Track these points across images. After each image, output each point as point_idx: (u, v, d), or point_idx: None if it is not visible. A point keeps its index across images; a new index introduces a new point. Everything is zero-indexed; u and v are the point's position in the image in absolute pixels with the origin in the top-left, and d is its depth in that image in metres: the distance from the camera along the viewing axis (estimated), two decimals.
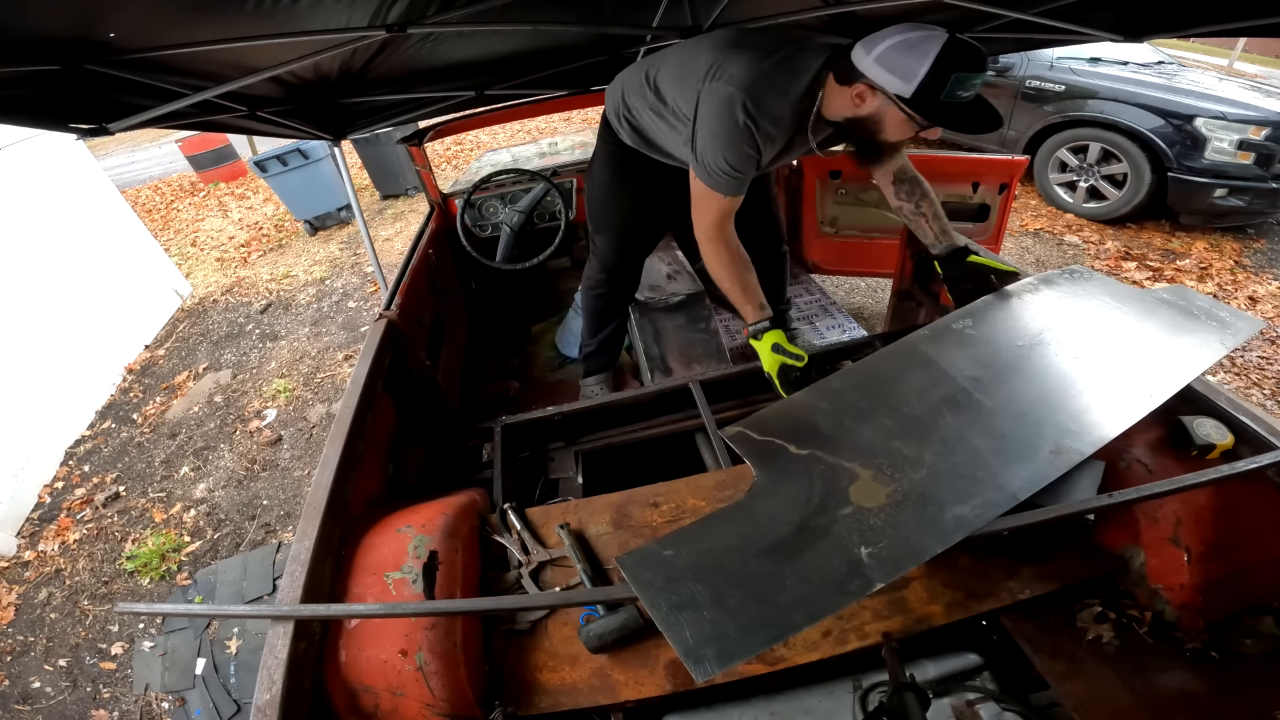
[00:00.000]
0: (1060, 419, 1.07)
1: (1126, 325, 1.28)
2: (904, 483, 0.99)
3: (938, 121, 1.18)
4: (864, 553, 0.90)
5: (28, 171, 3.79)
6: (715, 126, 1.33)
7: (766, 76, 1.31)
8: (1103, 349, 1.22)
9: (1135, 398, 1.08)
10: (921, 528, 0.92)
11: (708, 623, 0.82)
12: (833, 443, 1.09)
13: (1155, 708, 0.91)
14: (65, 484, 3.16)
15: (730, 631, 0.81)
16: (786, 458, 1.08)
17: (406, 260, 2.18)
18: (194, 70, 1.42)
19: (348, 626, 0.99)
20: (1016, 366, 1.20)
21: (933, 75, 1.09)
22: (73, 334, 3.72)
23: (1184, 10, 1.63)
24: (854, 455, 1.06)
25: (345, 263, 5.12)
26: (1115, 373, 1.15)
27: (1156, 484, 0.84)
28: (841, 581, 0.86)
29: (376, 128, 2.45)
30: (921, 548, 0.90)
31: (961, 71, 1.09)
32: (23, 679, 2.22)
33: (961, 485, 0.97)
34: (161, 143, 11.51)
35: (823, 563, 0.89)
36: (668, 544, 0.94)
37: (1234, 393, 2.72)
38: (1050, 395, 1.13)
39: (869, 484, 1.00)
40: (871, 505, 0.97)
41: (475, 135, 8.45)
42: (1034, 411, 1.10)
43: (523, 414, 1.68)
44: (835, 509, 0.97)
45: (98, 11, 1.04)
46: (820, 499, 0.99)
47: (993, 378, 1.17)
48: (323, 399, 3.46)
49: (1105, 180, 4.25)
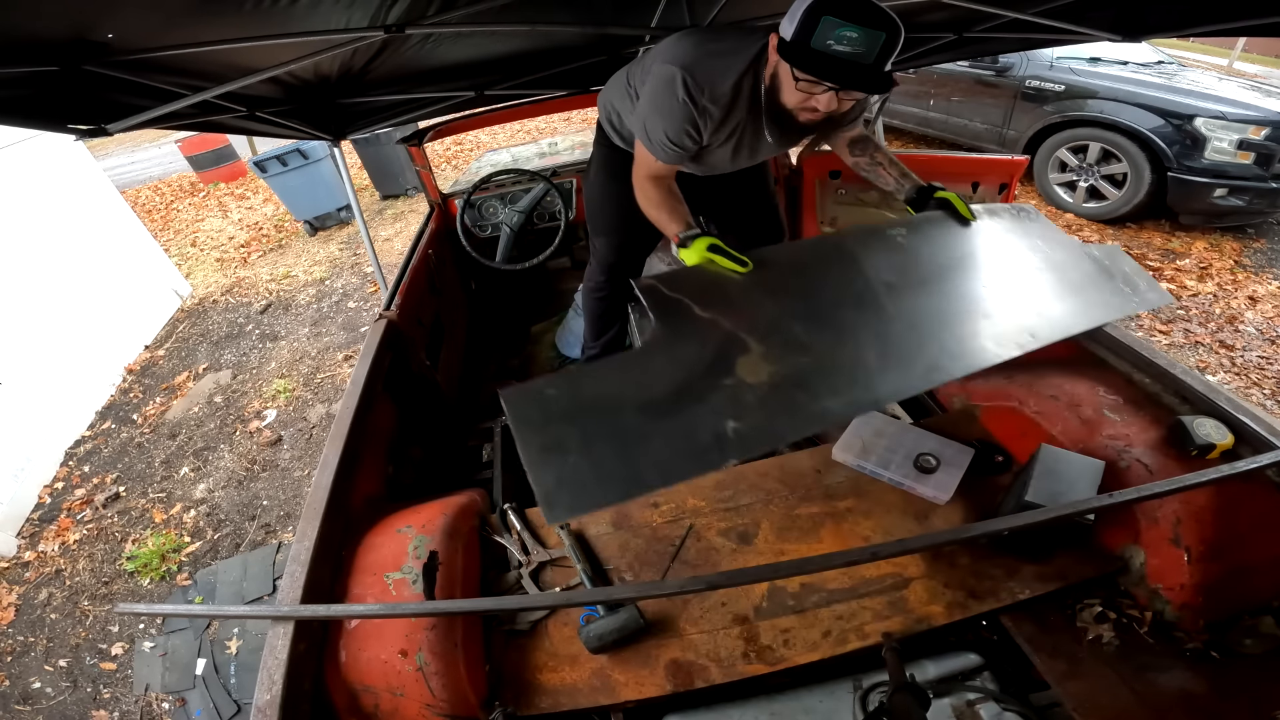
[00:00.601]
0: (946, 339, 1.12)
1: (1044, 269, 1.32)
2: (788, 365, 1.02)
3: (802, 67, 1.09)
4: (730, 427, 0.92)
5: (28, 171, 3.79)
6: (656, 101, 1.35)
7: (708, 55, 1.32)
8: (1014, 285, 1.27)
9: (1019, 336, 1.12)
10: (788, 413, 0.96)
11: (571, 468, 0.84)
12: (735, 312, 1.10)
13: (1155, 707, 0.91)
14: (65, 484, 3.16)
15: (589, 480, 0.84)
16: (689, 317, 1.09)
17: (406, 260, 2.18)
18: (193, 71, 1.42)
19: (348, 627, 0.99)
20: (928, 281, 1.23)
21: (806, 18, 1.04)
22: (73, 334, 3.71)
23: (1183, 10, 1.63)
24: (752, 329, 1.07)
25: (345, 263, 5.12)
26: (1014, 309, 1.20)
27: (1156, 484, 0.84)
28: (702, 451, 0.89)
29: (376, 128, 2.45)
30: (781, 432, 0.95)
31: (832, 16, 1.01)
32: (23, 679, 2.22)
33: (837, 380, 1.02)
34: (161, 143, 11.50)
35: (690, 428, 0.91)
36: (552, 384, 0.95)
37: (1234, 393, 2.72)
38: (947, 315, 1.18)
39: (756, 359, 1.02)
40: (752, 381, 0.99)
41: (475, 135, 8.45)
42: (926, 326, 1.14)
43: None
44: (719, 377, 0.99)
45: (96, 12, 1.04)
46: (708, 365, 1.01)
47: (903, 286, 1.20)
48: (323, 399, 3.46)
49: (1105, 180, 4.25)
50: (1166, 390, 1.20)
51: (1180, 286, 3.61)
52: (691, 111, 1.32)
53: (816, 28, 1.02)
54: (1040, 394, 1.32)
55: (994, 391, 1.44)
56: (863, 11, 1.02)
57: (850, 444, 1.36)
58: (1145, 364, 1.24)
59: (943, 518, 1.23)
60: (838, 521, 1.24)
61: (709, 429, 0.91)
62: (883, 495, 1.28)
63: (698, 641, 1.07)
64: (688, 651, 1.05)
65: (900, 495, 1.28)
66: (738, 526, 1.25)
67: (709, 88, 1.31)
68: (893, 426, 1.39)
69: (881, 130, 2.72)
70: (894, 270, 1.23)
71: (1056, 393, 1.29)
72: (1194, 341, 3.16)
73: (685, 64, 1.31)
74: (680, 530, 1.25)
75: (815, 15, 1.02)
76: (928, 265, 1.27)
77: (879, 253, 1.26)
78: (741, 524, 1.25)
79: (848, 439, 1.38)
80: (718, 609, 1.11)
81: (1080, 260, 1.37)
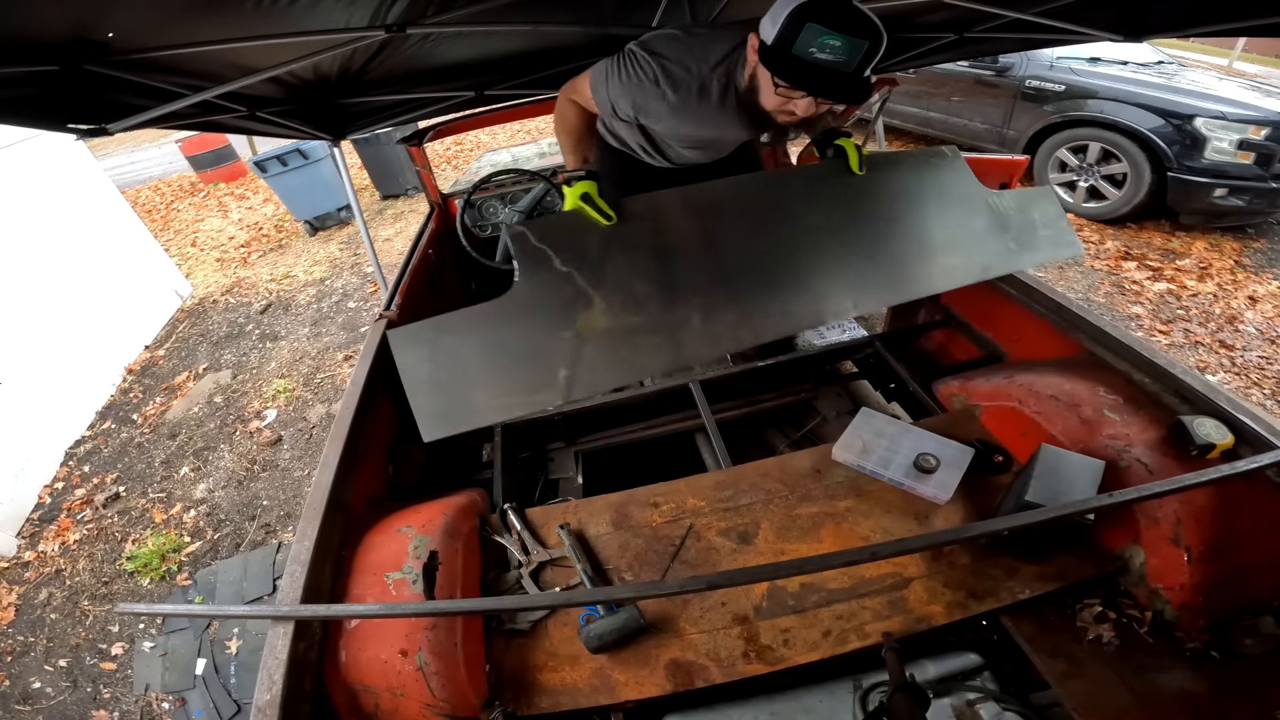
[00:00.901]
0: (770, 304, 1.29)
1: (926, 225, 1.43)
2: (621, 321, 1.20)
3: (781, 75, 1.07)
4: (562, 375, 1.14)
5: (28, 171, 3.79)
6: (624, 60, 1.32)
7: (683, 39, 1.30)
8: (874, 245, 1.39)
9: (840, 305, 1.32)
10: (609, 366, 1.17)
11: (441, 397, 1.09)
12: (589, 268, 1.23)
13: (1155, 707, 0.91)
14: (65, 484, 3.16)
15: (450, 409, 1.08)
16: (549, 268, 1.22)
17: (406, 260, 2.18)
18: (193, 70, 1.42)
19: (348, 627, 0.99)
20: (780, 240, 1.35)
21: (790, 23, 1.01)
22: (73, 334, 3.71)
23: (1184, 10, 1.63)
24: (599, 284, 1.22)
25: (345, 263, 5.12)
26: (857, 273, 1.36)
27: (1156, 484, 0.84)
28: (537, 390, 1.13)
29: (376, 128, 2.45)
30: (601, 383, 1.17)
31: (816, 23, 0.98)
32: (23, 679, 2.22)
33: (658, 339, 1.22)
34: (161, 143, 11.51)
35: (532, 373, 1.13)
36: (430, 327, 1.16)
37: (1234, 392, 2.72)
38: (780, 279, 1.31)
39: (595, 314, 1.19)
40: (587, 334, 1.18)
41: (475, 135, 8.45)
42: (752, 292, 1.28)
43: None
44: (561, 330, 1.17)
45: (96, 12, 1.04)
46: (555, 316, 1.18)
47: (752, 244, 1.32)
48: (323, 399, 3.46)
49: (1105, 180, 4.24)
50: (1166, 390, 1.20)
51: (1180, 286, 3.61)
52: (647, 81, 1.29)
53: (800, 34, 1.00)
54: (1040, 394, 1.32)
55: (994, 391, 1.44)
56: (848, 20, 1.00)
57: (850, 444, 1.36)
58: (1145, 364, 1.24)
59: (943, 518, 1.23)
60: (838, 521, 1.24)
61: (546, 374, 1.13)
62: (883, 495, 1.28)
63: (698, 641, 1.06)
64: (688, 651, 1.05)
65: (900, 495, 1.28)
66: (738, 526, 1.25)
67: (679, 59, 1.28)
68: (893, 427, 1.39)
69: (881, 130, 2.72)
70: (752, 227, 1.33)
71: (1056, 393, 1.29)
72: (1194, 341, 3.16)
73: (659, 44, 1.30)
74: (680, 530, 1.25)
75: (799, 21, 1.00)
76: (789, 222, 1.36)
77: (744, 208, 1.35)
78: (741, 524, 1.25)
79: (848, 439, 1.37)
80: (718, 609, 1.11)
81: (975, 213, 1.45)
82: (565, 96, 1.48)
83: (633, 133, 1.67)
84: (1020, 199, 1.52)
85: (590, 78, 1.39)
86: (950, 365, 1.82)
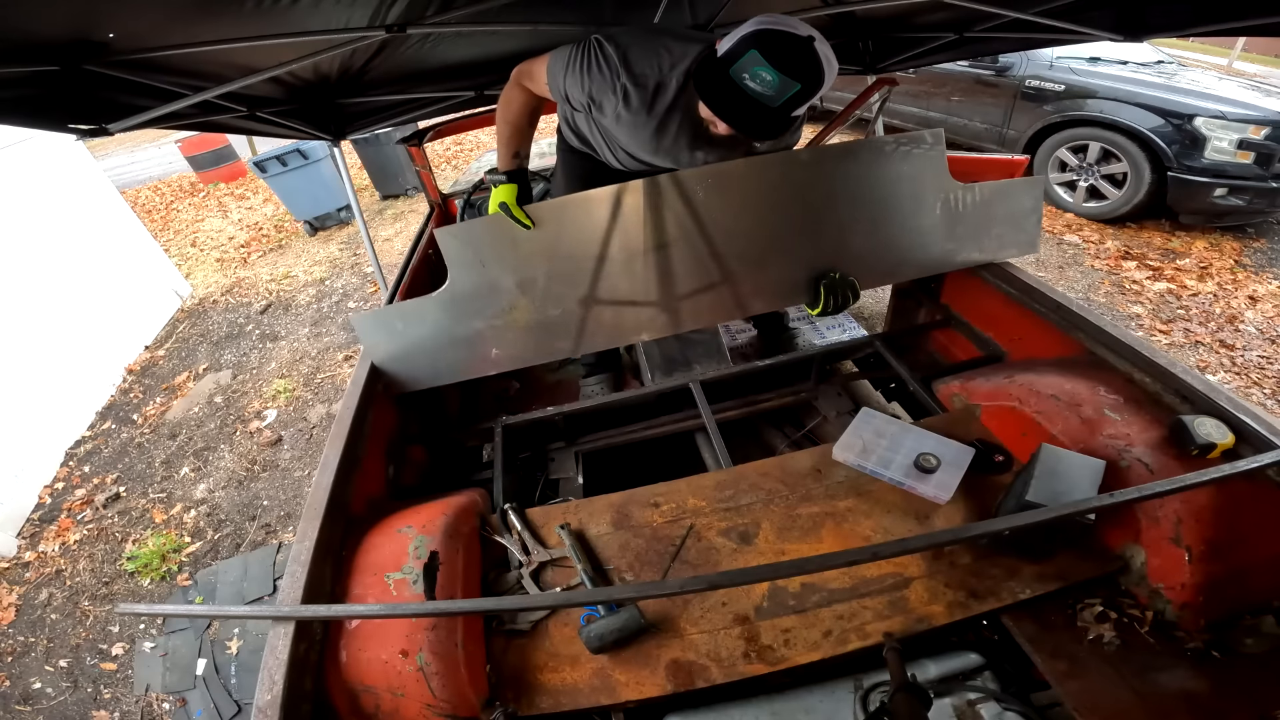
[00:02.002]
0: (669, 301, 1.57)
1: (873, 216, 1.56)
2: (540, 313, 1.53)
3: (703, 92, 1.09)
4: (493, 352, 1.55)
5: (28, 172, 3.78)
6: (581, 49, 1.30)
7: (652, 38, 1.29)
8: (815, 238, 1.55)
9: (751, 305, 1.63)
10: (534, 347, 1.56)
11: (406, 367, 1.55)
12: (511, 272, 1.49)
13: (1156, 707, 0.90)
14: (65, 485, 3.16)
15: (408, 375, 1.55)
16: (477, 271, 1.48)
17: (406, 260, 2.18)
18: (193, 71, 1.42)
19: (348, 627, 0.99)
20: (701, 238, 1.52)
21: (740, 44, 1.04)
22: (73, 335, 3.71)
23: (1183, 10, 1.63)
24: (522, 286, 1.50)
25: (345, 263, 5.12)
26: (776, 268, 1.58)
27: (1157, 483, 0.84)
28: (478, 362, 1.56)
29: (376, 128, 2.45)
30: (527, 358, 1.57)
31: (759, 51, 1.00)
32: (24, 680, 2.22)
33: (569, 328, 1.55)
34: (161, 143, 11.50)
35: (473, 347, 1.54)
36: (392, 312, 1.53)
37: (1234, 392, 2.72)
38: (679, 278, 1.55)
39: (521, 308, 1.51)
40: (514, 322, 1.52)
41: (475, 135, 8.45)
42: (647, 290, 1.54)
43: (523, 414, 1.68)
44: (492, 319, 1.52)
45: (97, 12, 1.04)
46: (487, 308, 1.51)
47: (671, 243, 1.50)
48: (323, 399, 3.46)
49: (1105, 180, 4.25)
50: (1167, 390, 1.20)
51: (1180, 286, 3.61)
52: (607, 71, 1.27)
53: (743, 56, 1.02)
54: (1041, 394, 1.32)
55: (994, 391, 1.44)
56: (792, 60, 1.02)
57: (850, 444, 1.36)
58: (1146, 363, 1.24)
59: (943, 517, 1.23)
60: (838, 521, 1.24)
61: (484, 349, 1.55)
62: (883, 495, 1.28)
63: (698, 641, 1.06)
64: (688, 651, 1.05)
65: (900, 495, 1.28)
66: (738, 526, 1.25)
67: (636, 61, 1.27)
68: (893, 426, 1.39)
69: (881, 129, 2.72)
70: (673, 225, 1.50)
71: (1057, 392, 1.29)
72: (1194, 341, 3.16)
73: (626, 36, 1.29)
74: (681, 530, 1.25)
75: (747, 45, 1.02)
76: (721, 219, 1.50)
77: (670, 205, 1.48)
78: (742, 524, 1.25)
79: (848, 439, 1.37)
80: (718, 609, 1.11)
81: (928, 208, 1.56)
82: (515, 81, 1.46)
83: (590, 128, 1.61)
84: (998, 191, 1.59)
85: (549, 61, 1.37)
86: (950, 365, 1.82)
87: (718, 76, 1.06)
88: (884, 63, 2.53)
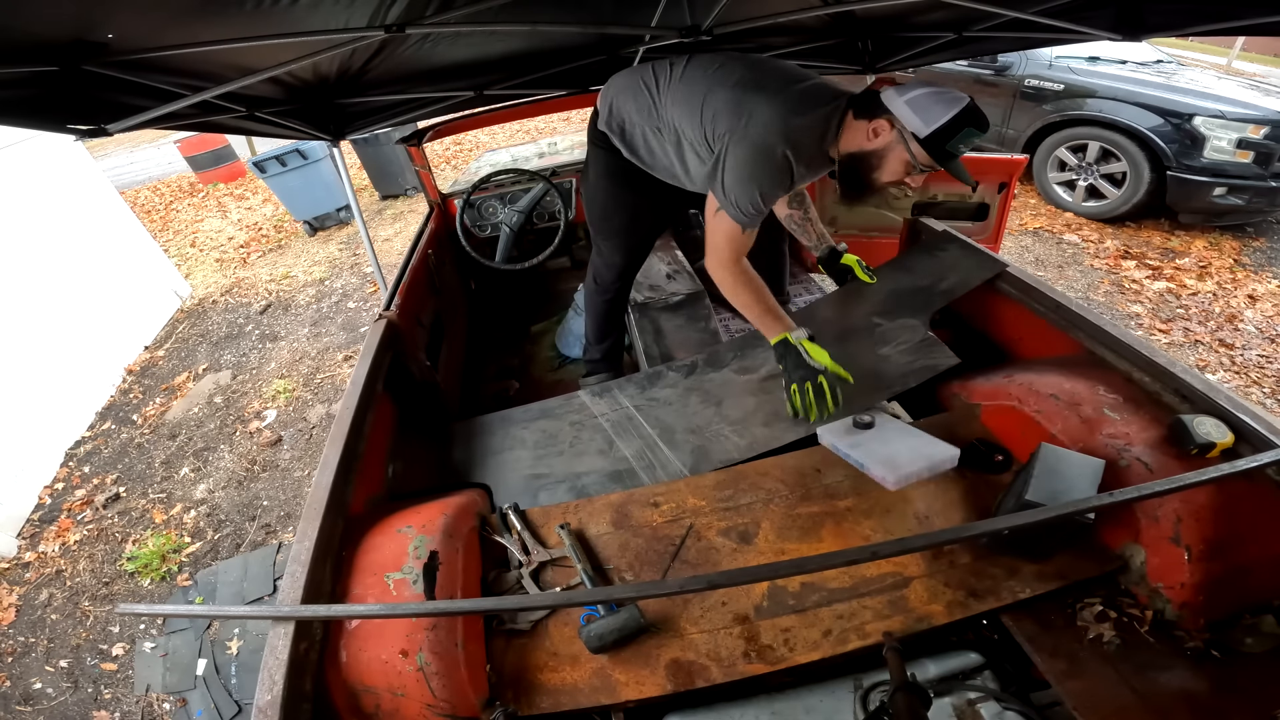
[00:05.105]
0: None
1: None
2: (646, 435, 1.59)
3: (940, 161, 1.33)
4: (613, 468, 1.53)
5: (27, 172, 3.78)
6: (754, 170, 1.41)
7: (802, 124, 1.41)
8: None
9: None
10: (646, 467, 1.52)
11: (507, 474, 1.55)
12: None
13: (1156, 706, 0.90)
14: (65, 485, 3.16)
15: (507, 485, 1.51)
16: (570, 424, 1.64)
17: (406, 260, 2.18)
18: (193, 71, 1.42)
19: (348, 627, 0.99)
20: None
21: (951, 124, 1.26)
22: (72, 335, 3.71)
23: (1183, 9, 1.62)
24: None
25: (345, 263, 5.12)
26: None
27: (1157, 483, 0.84)
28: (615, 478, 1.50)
29: (375, 128, 2.45)
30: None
31: (973, 128, 1.27)
32: (24, 680, 2.22)
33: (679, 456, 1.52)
34: (160, 143, 11.49)
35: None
36: (486, 424, 1.69)
37: (1234, 391, 2.72)
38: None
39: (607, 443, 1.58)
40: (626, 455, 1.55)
41: (475, 135, 8.45)
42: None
43: None
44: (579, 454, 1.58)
45: (96, 12, 1.04)
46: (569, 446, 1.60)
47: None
48: (323, 399, 3.46)
49: (1104, 179, 4.25)
50: (1166, 389, 1.20)
51: (1180, 285, 3.61)
52: (791, 178, 1.46)
53: (957, 135, 1.27)
54: (1040, 393, 1.32)
55: (994, 390, 1.44)
56: (985, 125, 1.30)
57: (835, 429, 1.40)
58: (1145, 363, 1.24)
59: (943, 517, 1.23)
60: (838, 521, 1.24)
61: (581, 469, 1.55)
62: (883, 495, 1.28)
63: (698, 641, 1.06)
64: (688, 651, 1.05)
65: (900, 495, 1.28)
66: (738, 526, 1.25)
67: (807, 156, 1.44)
68: (882, 418, 1.40)
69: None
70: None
71: (1056, 392, 1.29)
72: (1193, 340, 3.16)
73: (784, 134, 1.39)
74: (680, 530, 1.25)
75: (958, 125, 1.26)
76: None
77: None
78: (741, 523, 1.25)
79: (834, 426, 1.41)
80: (718, 608, 1.11)
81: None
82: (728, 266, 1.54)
83: (670, 161, 1.67)
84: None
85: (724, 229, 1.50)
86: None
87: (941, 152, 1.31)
88: (883, 62, 2.53)
